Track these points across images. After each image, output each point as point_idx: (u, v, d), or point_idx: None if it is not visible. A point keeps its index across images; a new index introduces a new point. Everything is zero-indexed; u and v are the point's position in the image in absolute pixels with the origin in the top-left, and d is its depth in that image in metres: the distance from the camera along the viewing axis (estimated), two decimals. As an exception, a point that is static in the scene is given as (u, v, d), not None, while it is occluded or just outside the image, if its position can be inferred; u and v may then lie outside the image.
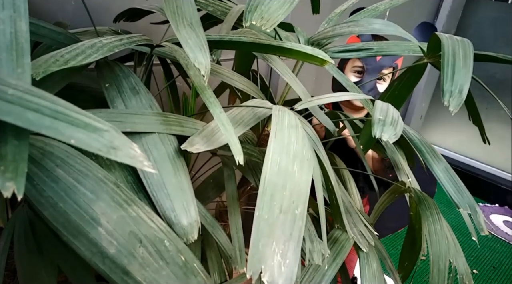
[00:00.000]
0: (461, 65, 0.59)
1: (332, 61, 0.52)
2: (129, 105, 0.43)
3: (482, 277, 2.04)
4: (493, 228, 2.48)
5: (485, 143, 0.81)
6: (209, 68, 0.38)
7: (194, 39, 0.39)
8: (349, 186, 0.98)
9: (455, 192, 0.57)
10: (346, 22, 0.79)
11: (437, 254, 0.65)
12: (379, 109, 0.55)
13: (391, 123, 0.50)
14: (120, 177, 0.40)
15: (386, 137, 0.47)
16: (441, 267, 0.64)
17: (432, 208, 0.71)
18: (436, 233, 0.67)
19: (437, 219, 0.69)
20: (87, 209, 0.32)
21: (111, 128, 0.24)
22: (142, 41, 0.47)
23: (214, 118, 0.43)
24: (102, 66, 0.45)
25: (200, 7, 0.81)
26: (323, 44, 0.82)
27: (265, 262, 0.37)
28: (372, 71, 1.04)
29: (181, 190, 0.41)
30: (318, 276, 0.62)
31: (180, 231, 0.40)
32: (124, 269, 0.33)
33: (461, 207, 0.56)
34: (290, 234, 0.40)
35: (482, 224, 0.58)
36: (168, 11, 0.38)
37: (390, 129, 0.48)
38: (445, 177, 0.59)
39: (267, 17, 0.47)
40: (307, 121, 0.61)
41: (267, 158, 0.43)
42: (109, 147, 0.23)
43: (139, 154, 0.25)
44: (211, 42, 0.52)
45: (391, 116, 0.52)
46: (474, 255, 2.21)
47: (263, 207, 0.39)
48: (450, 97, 0.55)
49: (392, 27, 0.74)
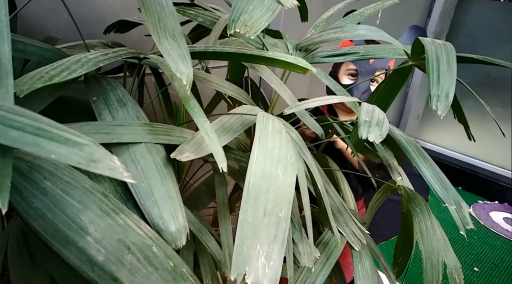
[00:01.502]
0: (445, 69, 0.60)
1: (314, 69, 0.53)
2: (116, 117, 0.44)
3: (483, 274, 2.04)
4: (493, 225, 2.49)
5: (470, 140, 0.82)
6: (191, 78, 0.40)
7: (176, 50, 0.41)
8: (342, 187, 0.99)
9: (440, 188, 0.58)
10: (333, 28, 0.81)
11: (429, 249, 0.66)
12: (365, 111, 0.56)
13: (376, 124, 0.51)
14: (109, 187, 0.41)
15: (372, 138, 0.49)
16: (434, 262, 0.65)
17: (422, 205, 0.72)
18: (427, 229, 0.68)
19: (427, 215, 0.71)
20: (75, 219, 0.34)
21: (91, 142, 0.25)
22: (128, 54, 0.49)
23: (198, 127, 0.44)
24: (89, 79, 0.47)
25: (190, 18, 0.83)
26: (311, 50, 0.84)
27: (249, 264, 0.38)
28: (365, 73, 1.06)
29: (168, 197, 0.43)
30: (312, 277, 0.63)
31: (168, 237, 0.42)
32: (112, 276, 0.34)
33: (447, 203, 0.57)
34: (274, 236, 0.41)
35: (467, 218, 0.59)
36: (150, 24, 0.40)
37: (375, 129, 0.50)
38: (430, 174, 0.60)
39: (250, 24, 0.48)
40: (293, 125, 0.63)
41: (251, 163, 0.44)
42: (89, 160, 0.24)
43: (119, 166, 0.26)
44: (196, 53, 0.53)
45: (376, 118, 0.54)
46: (474, 253, 2.21)
47: (247, 210, 0.41)
48: (438, 102, 0.56)
49: (376, 32, 0.76)
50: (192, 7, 0.83)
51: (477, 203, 2.75)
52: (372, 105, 0.60)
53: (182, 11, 0.83)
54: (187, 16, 0.83)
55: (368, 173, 0.89)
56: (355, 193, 1.24)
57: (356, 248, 0.69)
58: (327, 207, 0.61)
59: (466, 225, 0.60)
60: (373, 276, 0.68)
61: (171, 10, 0.43)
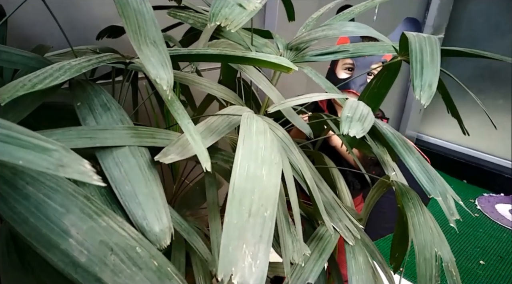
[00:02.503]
0: (428, 60, 0.60)
1: (296, 68, 0.54)
2: (100, 121, 0.45)
3: (489, 267, 2.03)
4: (499, 217, 2.47)
5: (464, 135, 0.82)
6: (171, 83, 0.40)
7: (157, 56, 0.42)
8: (338, 184, 1.00)
9: (426, 181, 0.59)
10: (321, 26, 0.81)
11: (422, 243, 0.66)
12: (349, 107, 0.57)
13: (358, 119, 0.52)
14: (94, 190, 0.42)
15: (353, 133, 0.49)
16: (427, 256, 0.65)
17: (414, 199, 0.73)
18: (420, 223, 0.69)
19: (420, 210, 0.71)
20: (57, 222, 0.35)
21: (60, 147, 0.26)
22: (112, 59, 0.50)
23: (182, 128, 0.45)
24: (74, 86, 0.48)
25: (181, 20, 0.84)
26: (301, 49, 0.85)
27: (235, 264, 0.39)
28: (362, 67, 1.07)
29: (152, 199, 0.43)
30: (305, 272, 0.64)
31: (152, 237, 0.42)
32: (96, 276, 0.35)
33: (432, 194, 0.57)
34: (260, 236, 0.42)
35: (453, 209, 0.60)
36: (130, 32, 0.41)
37: (357, 124, 0.50)
38: (417, 167, 0.60)
39: (231, 18, 0.48)
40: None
41: (235, 164, 0.45)
42: (57, 165, 0.25)
43: (89, 169, 0.27)
44: (180, 56, 0.54)
45: (359, 113, 0.54)
46: (480, 246, 2.20)
47: (232, 212, 0.41)
48: (421, 91, 0.56)
49: (364, 28, 0.76)
50: (183, 10, 0.84)
51: (482, 196, 2.73)
52: (357, 101, 0.60)
53: (173, 13, 0.84)
54: (177, 18, 0.84)
55: (363, 170, 0.90)
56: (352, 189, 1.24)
57: (350, 243, 0.70)
58: (317, 201, 0.62)
59: (451, 216, 0.60)
60: (367, 271, 0.69)
61: (151, 17, 0.44)
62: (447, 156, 3.05)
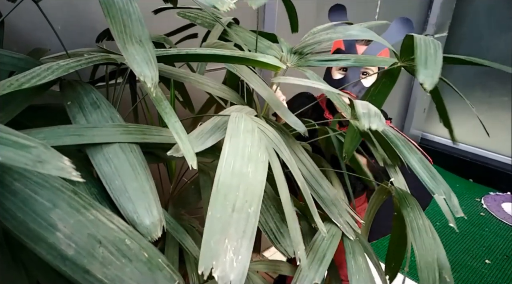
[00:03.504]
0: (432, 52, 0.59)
1: (284, 66, 0.54)
2: (90, 119, 0.47)
3: (495, 266, 2.01)
4: (505, 216, 2.45)
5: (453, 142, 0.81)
6: (156, 80, 0.41)
7: (142, 54, 0.43)
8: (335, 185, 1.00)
9: (429, 179, 0.59)
10: (325, 29, 0.82)
11: (422, 247, 0.65)
12: (360, 105, 0.56)
13: (375, 115, 0.52)
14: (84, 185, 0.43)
15: (375, 126, 0.49)
16: (428, 260, 0.64)
17: (413, 204, 0.72)
18: (419, 228, 0.68)
19: (418, 215, 0.70)
20: (44, 216, 0.36)
21: (39, 144, 0.27)
22: (103, 60, 0.51)
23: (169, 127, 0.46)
24: (64, 86, 0.49)
25: (190, 20, 0.86)
26: (305, 53, 0.85)
27: (217, 259, 0.39)
28: (356, 67, 1.07)
29: (142, 193, 0.45)
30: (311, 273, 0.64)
31: (143, 230, 0.43)
32: (84, 268, 0.36)
33: (436, 193, 0.57)
34: (243, 231, 0.42)
35: (456, 207, 0.60)
36: (115, 31, 0.42)
37: (375, 119, 0.51)
38: (419, 167, 0.60)
39: None
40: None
41: (221, 161, 0.45)
42: (36, 161, 0.26)
43: (68, 166, 0.28)
44: (170, 56, 0.55)
45: (373, 110, 0.55)
46: (486, 245, 2.18)
47: (216, 207, 0.42)
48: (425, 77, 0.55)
49: (367, 32, 0.77)
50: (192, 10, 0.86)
51: (489, 194, 2.71)
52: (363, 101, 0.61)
53: (183, 14, 0.86)
54: (187, 18, 0.86)
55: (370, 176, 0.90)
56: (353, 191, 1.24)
57: (351, 237, 0.70)
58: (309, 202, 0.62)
59: (455, 214, 0.60)
60: (367, 271, 0.69)
61: (138, 17, 0.45)
62: (452, 155, 3.04)
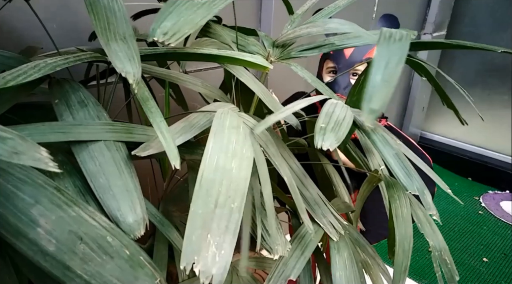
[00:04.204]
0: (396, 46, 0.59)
1: (271, 66, 0.55)
2: (77, 117, 0.47)
3: (492, 264, 2.01)
4: (504, 215, 2.45)
5: (463, 125, 0.82)
6: (138, 77, 0.42)
7: (125, 51, 0.43)
8: (334, 180, 1.01)
9: (404, 176, 0.59)
10: (305, 23, 0.82)
11: (403, 235, 0.66)
12: (324, 115, 0.55)
13: (332, 130, 0.52)
14: (68, 183, 0.44)
15: (326, 146, 0.49)
16: (405, 247, 0.65)
17: (400, 192, 0.73)
18: (402, 215, 0.69)
19: (404, 202, 0.71)
20: (26, 212, 0.36)
21: (16, 136, 0.28)
22: (91, 58, 0.51)
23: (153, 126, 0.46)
24: (53, 84, 0.50)
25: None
26: (287, 45, 0.86)
27: (198, 253, 0.40)
28: (344, 68, 1.07)
29: (126, 191, 0.45)
30: (288, 269, 0.64)
31: (126, 228, 0.44)
32: (65, 264, 0.37)
33: (410, 190, 0.58)
34: (226, 226, 0.43)
35: (430, 204, 0.60)
36: (98, 28, 0.42)
37: (330, 136, 0.50)
38: (394, 162, 0.60)
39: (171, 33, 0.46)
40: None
41: (204, 157, 0.46)
42: (11, 153, 0.27)
43: (44, 157, 0.28)
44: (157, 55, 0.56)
45: (334, 120, 0.54)
46: (484, 243, 2.18)
47: (198, 203, 0.43)
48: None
49: (348, 25, 0.77)
50: None
51: (487, 193, 2.71)
52: (336, 102, 0.60)
53: None
54: None
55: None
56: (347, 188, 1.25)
57: (334, 239, 0.71)
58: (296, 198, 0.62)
59: (428, 210, 0.60)
60: (351, 267, 0.69)
61: (123, 14, 0.46)
62: (451, 154, 3.03)
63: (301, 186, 0.71)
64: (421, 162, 0.71)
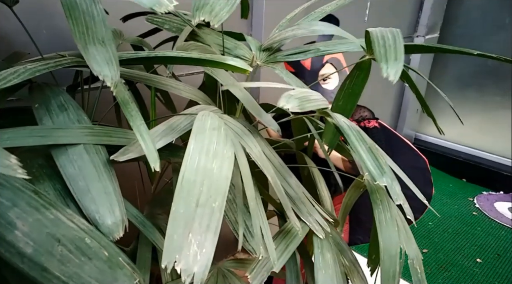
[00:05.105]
0: (391, 43, 0.60)
1: (250, 68, 0.56)
2: (56, 121, 0.48)
3: (486, 265, 2.02)
4: (498, 215, 2.46)
5: (440, 134, 0.83)
6: (116, 80, 0.43)
7: (103, 54, 0.44)
8: (318, 183, 1.01)
9: (374, 168, 0.59)
10: (291, 26, 0.83)
11: (388, 240, 0.67)
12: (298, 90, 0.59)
13: (299, 98, 0.55)
14: (48, 186, 0.44)
15: (289, 106, 0.53)
16: (392, 253, 0.66)
17: (382, 197, 0.73)
18: (386, 220, 0.69)
19: (387, 207, 0.72)
20: (3, 215, 0.37)
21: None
22: (72, 63, 0.52)
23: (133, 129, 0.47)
24: (33, 89, 0.50)
25: (158, 26, 0.87)
26: (273, 49, 0.87)
27: (180, 252, 0.40)
28: (310, 79, 1.09)
29: (105, 193, 0.45)
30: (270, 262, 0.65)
31: (105, 230, 0.44)
32: (42, 266, 0.37)
33: (378, 181, 0.58)
34: (207, 225, 0.43)
35: (398, 194, 0.60)
36: (76, 33, 0.43)
37: (295, 101, 0.53)
38: (367, 156, 0.61)
39: (214, 14, 0.51)
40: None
41: (185, 158, 0.46)
42: (-19, 159, 0.27)
43: (14, 163, 0.29)
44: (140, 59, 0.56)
45: (304, 95, 0.57)
46: (477, 244, 2.19)
47: (179, 203, 0.43)
48: (388, 68, 0.55)
49: (332, 27, 0.78)
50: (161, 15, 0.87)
51: (482, 194, 2.72)
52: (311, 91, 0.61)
53: (151, 19, 0.87)
54: (154, 24, 0.87)
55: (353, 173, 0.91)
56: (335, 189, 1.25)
57: (320, 236, 0.71)
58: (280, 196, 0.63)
59: (395, 201, 0.60)
60: (334, 266, 0.70)
61: (101, 19, 0.46)
62: (445, 155, 3.05)
63: (286, 185, 0.72)
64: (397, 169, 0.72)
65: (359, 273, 0.77)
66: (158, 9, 0.46)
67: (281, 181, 0.71)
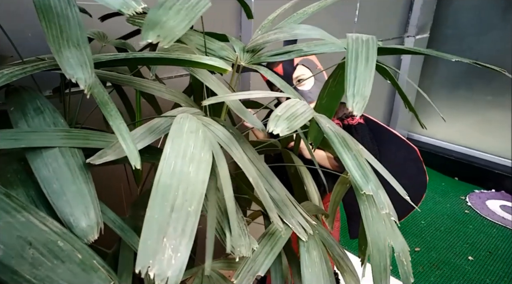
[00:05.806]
0: (362, 69, 0.60)
1: (230, 68, 0.56)
2: (32, 124, 0.48)
3: (477, 262, 2.03)
4: (489, 213, 2.47)
5: (422, 128, 0.83)
6: (89, 82, 0.43)
7: (77, 57, 0.44)
8: (306, 181, 1.02)
9: (360, 177, 0.60)
10: (274, 29, 0.83)
11: (375, 235, 0.67)
12: (282, 106, 0.57)
13: (287, 118, 0.53)
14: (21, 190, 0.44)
15: (278, 131, 0.51)
16: (380, 247, 0.66)
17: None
18: (372, 215, 0.70)
19: (372, 202, 0.72)
20: (-27, 218, 0.37)
21: None
22: (51, 66, 0.52)
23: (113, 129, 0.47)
24: (10, 92, 0.50)
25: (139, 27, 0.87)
26: (257, 50, 0.87)
27: (154, 257, 0.40)
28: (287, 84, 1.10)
29: (80, 196, 0.45)
30: (256, 265, 0.65)
31: (79, 232, 0.44)
32: (12, 269, 0.37)
33: (364, 190, 0.58)
34: (182, 230, 0.43)
35: (383, 203, 0.61)
36: (50, 36, 0.43)
37: (283, 123, 0.52)
38: (352, 164, 0.61)
39: (164, 34, 0.49)
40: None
41: (161, 162, 0.46)
42: None
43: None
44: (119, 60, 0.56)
45: (290, 112, 0.56)
46: (469, 242, 2.20)
47: (154, 207, 0.43)
48: (353, 102, 0.57)
49: (315, 30, 0.78)
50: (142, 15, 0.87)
51: (474, 192, 2.74)
52: (296, 101, 0.61)
53: (132, 20, 0.87)
54: (136, 25, 0.86)
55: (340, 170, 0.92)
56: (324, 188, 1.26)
57: (303, 238, 0.71)
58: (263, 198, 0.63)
59: (382, 210, 0.61)
60: (321, 264, 0.70)
61: (77, 21, 0.46)
62: (438, 154, 3.06)
63: (268, 188, 0.72)
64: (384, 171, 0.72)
65: (348, 266, 0.77)
66: (126, 11, 0.45)
67: (264, 183, 0.72)
